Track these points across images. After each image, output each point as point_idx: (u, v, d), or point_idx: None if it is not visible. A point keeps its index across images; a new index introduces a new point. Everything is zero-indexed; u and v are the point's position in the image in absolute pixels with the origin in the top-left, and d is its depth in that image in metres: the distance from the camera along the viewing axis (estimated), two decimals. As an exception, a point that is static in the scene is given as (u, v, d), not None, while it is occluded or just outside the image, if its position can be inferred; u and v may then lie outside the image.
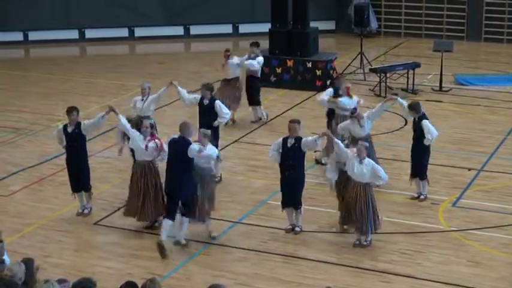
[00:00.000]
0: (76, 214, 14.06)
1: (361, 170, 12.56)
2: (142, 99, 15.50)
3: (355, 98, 15.81)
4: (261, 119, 19.14)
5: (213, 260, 12.52)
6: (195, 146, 12.67)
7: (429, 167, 16.07)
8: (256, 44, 19.18)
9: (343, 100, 15.75)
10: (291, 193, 13.25)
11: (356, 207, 12.57)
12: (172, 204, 12.77)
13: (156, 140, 13.14)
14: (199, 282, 11.62)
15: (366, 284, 11.77)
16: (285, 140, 13.26)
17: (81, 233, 13.54)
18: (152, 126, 13.31)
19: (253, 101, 19.05)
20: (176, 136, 12.91)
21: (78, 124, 13.78)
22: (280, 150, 13.24)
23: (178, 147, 12.71)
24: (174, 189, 12.70)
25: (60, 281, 8.15)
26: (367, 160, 12.60)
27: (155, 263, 12.39)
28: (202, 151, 12.70)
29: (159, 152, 13.12)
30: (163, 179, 13.00)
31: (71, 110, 13.84)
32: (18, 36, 28.44)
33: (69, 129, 13.81)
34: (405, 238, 13.20)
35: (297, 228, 13.38)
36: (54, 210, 14.35)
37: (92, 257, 12.77)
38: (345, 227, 13.18)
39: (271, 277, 11.95)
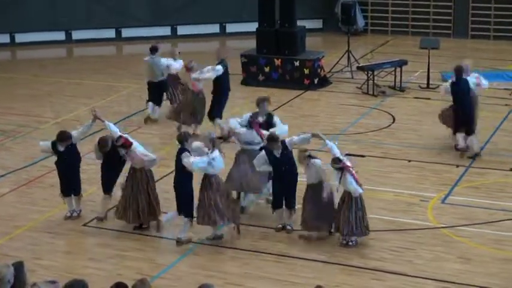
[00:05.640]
0: (64, 218, 13.98)
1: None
2: None
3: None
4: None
5: (203, 260, 12.50)
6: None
7: (418, 164, 16.19)
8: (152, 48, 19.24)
9: None
10: (286, 194, 13.25)
11: (341, 207, 12.58)
12: None
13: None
14: (189, 282, 11.59)
15: (357, 282, 11.76)
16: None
17: (71, 234, 13.49)
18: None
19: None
20: None
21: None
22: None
23: None
24: None
25: (51, 283, 8.13)
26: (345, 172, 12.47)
27: (145, 263, 12.37)
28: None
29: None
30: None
31: (66, 139, 13.61)
32: (4, 38, 28.28)
33: (61, 148, 13.67)
34: (395, 235, 13.21)
35: (288, 227, 13.35)
36: (43, 213, 14.30)
37: (82, 258, 12.73)
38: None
39: (262, 276, 11.94)
